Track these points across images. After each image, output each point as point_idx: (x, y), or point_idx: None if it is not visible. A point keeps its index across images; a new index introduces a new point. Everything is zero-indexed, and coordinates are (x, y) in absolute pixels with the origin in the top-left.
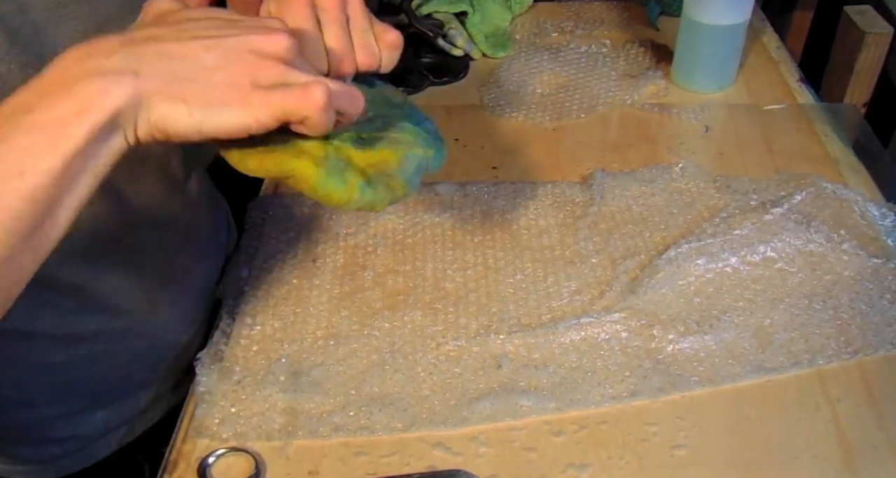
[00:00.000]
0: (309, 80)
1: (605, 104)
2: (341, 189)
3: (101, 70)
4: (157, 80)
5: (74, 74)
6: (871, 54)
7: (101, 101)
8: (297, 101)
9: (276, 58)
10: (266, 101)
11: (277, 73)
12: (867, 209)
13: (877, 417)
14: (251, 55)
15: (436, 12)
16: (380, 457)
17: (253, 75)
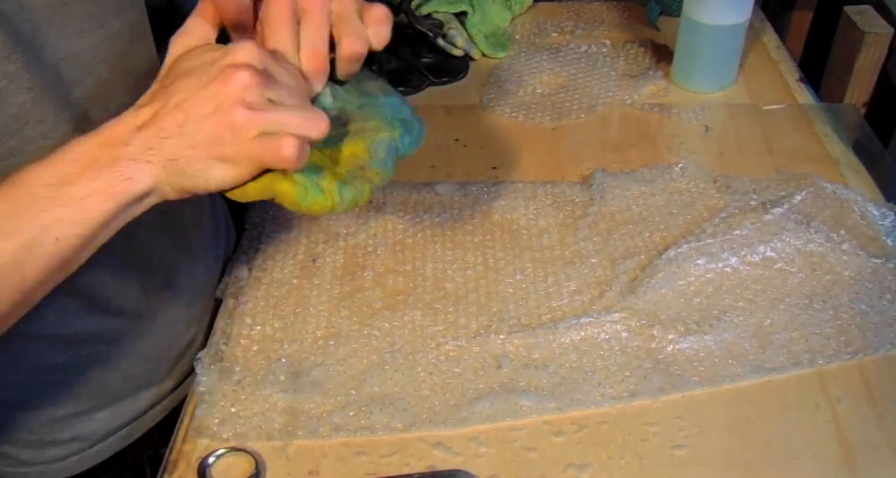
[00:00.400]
0: (277, 126)
1: (604, 104)
2: (321, 198)
3: (123, 157)
4: (164, 165)
5: (102, 158)
6: (870, 54)
7: (127, 186)
8: (272, 157)
9: (241, 103)
10: (246, 158)
11: (245, 124)
12: (867, 209)
13: (877, 417)
14: (220, 114)
15: (436, 12)
16: (380, 457)
17: (228, 133)
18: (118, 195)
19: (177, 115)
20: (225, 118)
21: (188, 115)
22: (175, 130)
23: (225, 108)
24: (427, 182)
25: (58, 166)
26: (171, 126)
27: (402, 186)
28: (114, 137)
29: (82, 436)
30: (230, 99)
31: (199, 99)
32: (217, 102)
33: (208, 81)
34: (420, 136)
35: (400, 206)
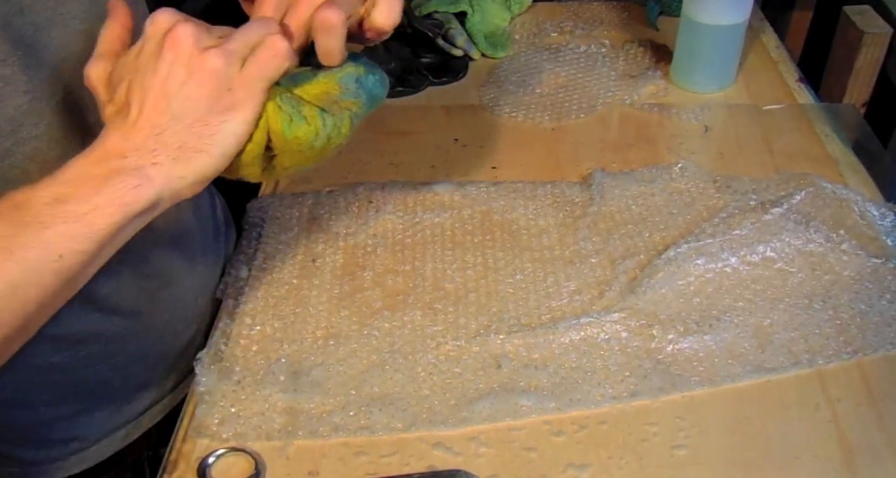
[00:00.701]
0: (248, 44)
1: (604, 104)
2: (305, 125)
3: (125, 169)
4: (174, 157)
5: (103, 172)
6: (870, 54)
7: (136, 194)
8: (271, 62)
9: (203, 50)
10: (248, 91)
11: (224, 62)
12: (867, 209)
13: (877, 417)
14: (195, 72)
15: (435, 12)
16: (380, 457)
17: (216, 82)
18: (126, 206)
19: (157, 105)
20: (202, 72)
21: (166, 96)
22: (165, 117)
23: (195, 65)
24: (426, 182)
25: (54, 186)
26: (157, 117)
27: (401, 186)
28: (107, 151)
29: (82, 436)
30: (191, 54)
31: (164, 78)
32: (182, 66)
33: (157, 58)
34: (383, 79)
35: (399, 206)
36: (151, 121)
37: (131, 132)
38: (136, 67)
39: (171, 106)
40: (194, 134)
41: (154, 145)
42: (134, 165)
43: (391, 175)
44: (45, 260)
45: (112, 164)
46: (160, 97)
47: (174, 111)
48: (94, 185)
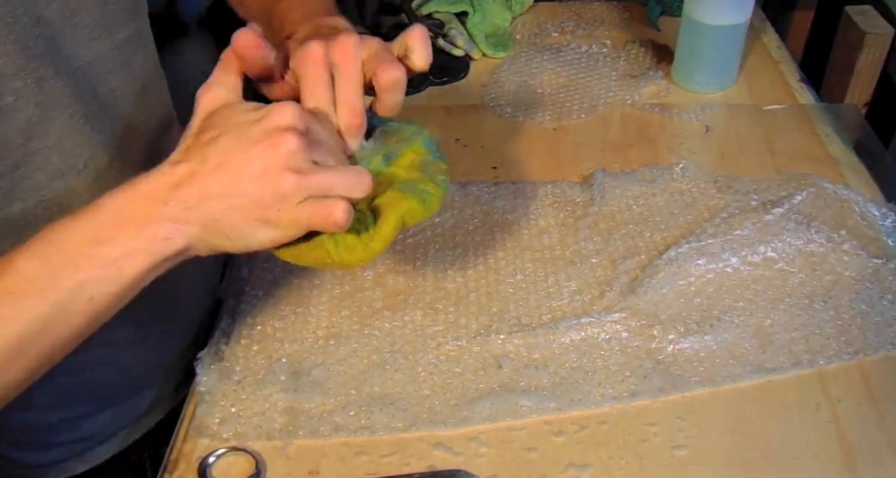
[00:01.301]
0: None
1: (605, 104)
2: (432, 198)
3: (161, 218)
4: (204, 225)
5: (138, 216)
6: (871, 54)
7: (165, 246)
8: (322, 222)
9: (289, 168)
10: (291, 221)
11: (293, 190)
12: (868, 210)
13: (877, 417)
14: (268, 178)
15: (436, 12)
16: (380, 457)
17: (275, 197)
18: (155, 255)
19: (220, 176)
20: (272, 182)
21: (232, 177)
22: (218, 191)
23: (273, 173)
24: None
25: (92, 223)
26: (213, 187)
27: None
28: (150, 193)
29: (84, 437)
30: (278, 164)
31: (243, 161)
32: (264, 166)
33: (253, 143)
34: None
35: None
36: (206, 186)
37: (183, 184)
38: (236, 131)
39: (229, 187)
40: (229, 218)
41: (193, 205)
42: (169, 216)
43: None
44: (76, 301)
45: (152, 209)
46: (230, 172)
47: (228, 192)
48: (132, 229)
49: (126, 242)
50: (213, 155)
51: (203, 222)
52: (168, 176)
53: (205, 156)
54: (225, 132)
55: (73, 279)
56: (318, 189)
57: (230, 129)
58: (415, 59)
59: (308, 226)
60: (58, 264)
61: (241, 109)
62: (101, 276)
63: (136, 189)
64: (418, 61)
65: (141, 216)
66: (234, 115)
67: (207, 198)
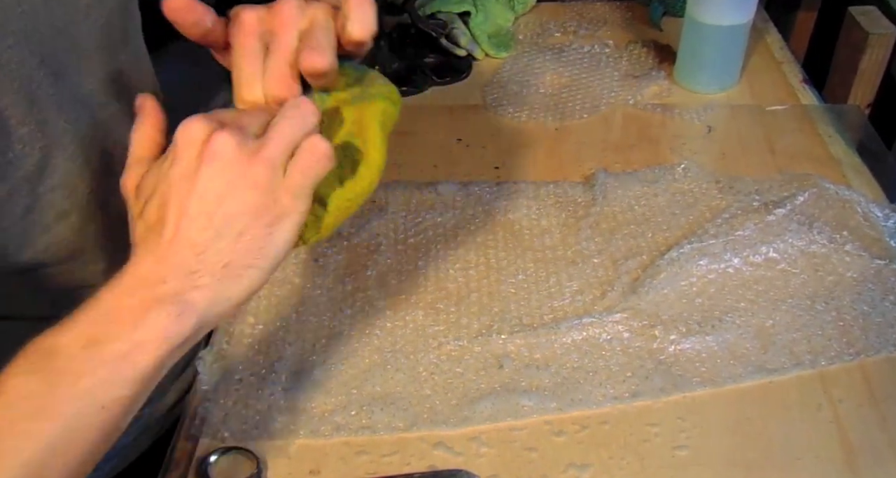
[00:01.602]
0: (288, 143)
1: (607, 104)
2: (390, 102)
3: (165, 295)
4: (218, 278)
5: (139, 304)
6: (874, 55)
7: (180, 324)
8: (314, 167)
9: (247, 159)
10: (295, 196)
11: (268, 170)
12: (870, 210)
13: (879, 418)
14: (237, 187)
15: (439, 12)
16: (381, 456)
17: (261, 192)
18: (169, 339)
19: (195, 220)
20: (246, 186)
21: (206, 211)
22: (206, 235)
23: (237, 178)
24: (429, 182)
25: (87, 322)
26: (198, 234)
27: (404, 185)
28: (142, 278)
29: None
30: (232, 166)
31: (201, 191)
32: (223, 180)
33: (193, 172)
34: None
35: (402, 206)
36: (191, 239)
37: (168, 253)
38: (169, 181)
39: (212, 222)
40: (241, 249)
41: (196, 266)
42: (174, 290)
43: (394, 175)
44: (85, 414)
45: (149, 292)
46: (200, 213)
47: (217, 227)
48: (131, 319)
49: (130, 334)
50: (172, 212)
51: (216, 274)
52: (145, 258)
53: (166, 220)
54: (162, 189)
55: (77, 389)
56: (284, 153)
57: (162, 182)
58: (350, 29)
59: (310, 184)
60: (56, 375)
61: (156, 165)
62: (109, 378)
63: (123, 280)
64: (354, 31)
65: (140, 304)
66: (153, 173)
67: (203, 249)
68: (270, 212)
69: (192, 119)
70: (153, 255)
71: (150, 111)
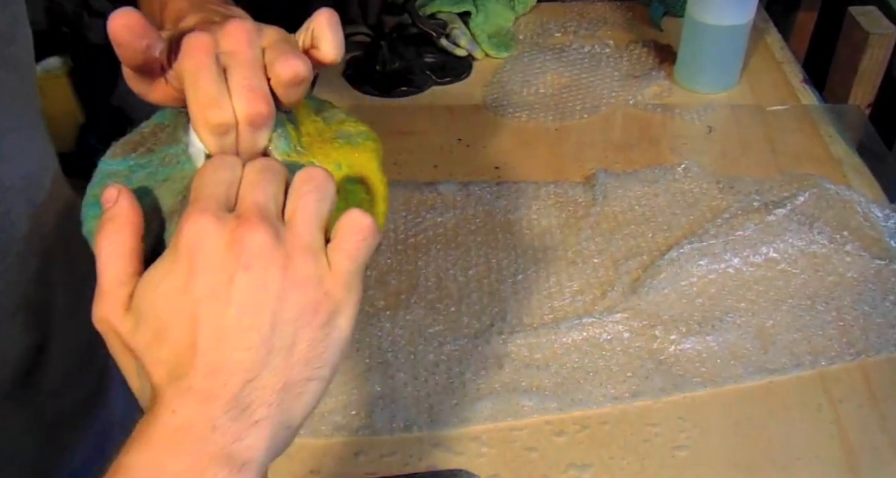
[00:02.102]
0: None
1: (608, 104)
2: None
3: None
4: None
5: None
6: (875, 55)
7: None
8: (363, 247)
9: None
10: (346, 287)
11: (314, 266)
12: (870, 211)
13: (879, 418)
14: (288, 290)
15: (439, 12)
16: (381, 456)
17: (315, 297)
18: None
19: (239, 339)
20: (293, 288)
21: (249, 325)
22: (256, 355)
23: (280, 281)
24: (430, 182)
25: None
26: (245, 356)
27: (404, 185)
28: (185, 430)
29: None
30: (270, 267)
31: (241, 305)
32: (265, 287)
33: (225, 282)
34: None
35: (402, 205)
36: (239, 364)
37: (215, 389)
38: (194, 298)
39: (261, 338)
40: (298, 363)
41: (249, 397)
42: (229, 438)
43: (395, 175)
44: None
45: (198, 448)
46: (243, 330)
47: (266, 343)
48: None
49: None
50: (205, 337)
51: (274, 400)
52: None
53: (197, 347)
54: (184, 309)
55: None
56: (317, 232)
57: (180, 302)
58: (324, 49)
59: (360, 268)
60: None
61: (152, 282)
62: None
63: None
64: (328, 53)
65: (193, 464)
66: (157, 294)
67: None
68: (324, 310)
69: (199, 218)
70: (193, 395)
71: (126, 213)
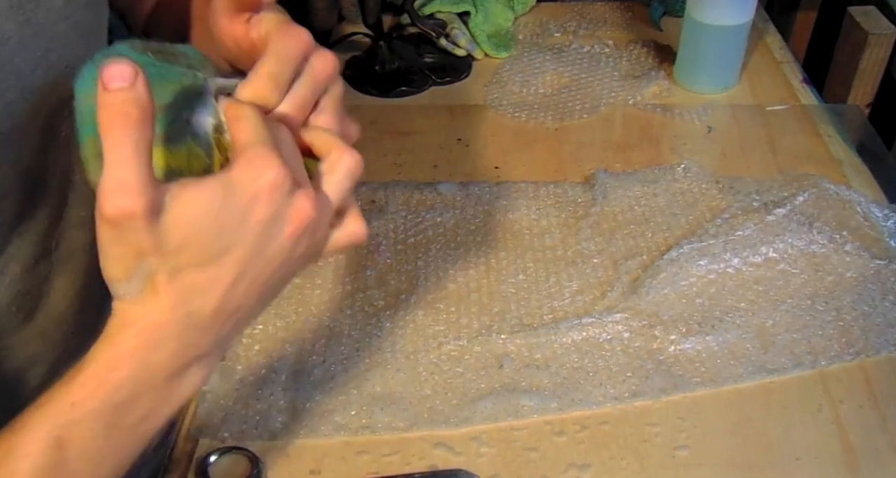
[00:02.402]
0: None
1: (607, 104)
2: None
3: (196, 358)
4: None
5: (171, 367)
6: (874, 55)
7: (201, 384)
8: (346, 247)
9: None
10: (322, 260)
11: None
12: (870, 210)
13: (879, 418)
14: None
15: (438, 12)
16: (381, 456)
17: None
18: (189, 396)
19: (260, 294)
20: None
21: (272, 283)
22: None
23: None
24: (429, 182)
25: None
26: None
27: (404, 185)
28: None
29: None
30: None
31: (282, 262)
32: (301, 251)
33: (289, 246)
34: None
35: (402, 205)
36: (248, 312)
37: (218, 325)
38: (245, 236)
39: (266, 290)
40: (264, 302)
41: (229, 331)
42: (206, 351)
43: (394, 175)
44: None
45: (184, 355)
46: (265, 286)
47: (263, 295)
48: (165, 382)
49: (162, 403)
50: (246, 287)
51: (239, 329)
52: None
53: (237, 288)
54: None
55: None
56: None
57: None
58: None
59: (329, 254)
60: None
61: (206, 204)
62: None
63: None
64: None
65: (180, 364)
66: (212, 215)
67: (248, 318)
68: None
69: (272, 162)
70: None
71: (146, 102)
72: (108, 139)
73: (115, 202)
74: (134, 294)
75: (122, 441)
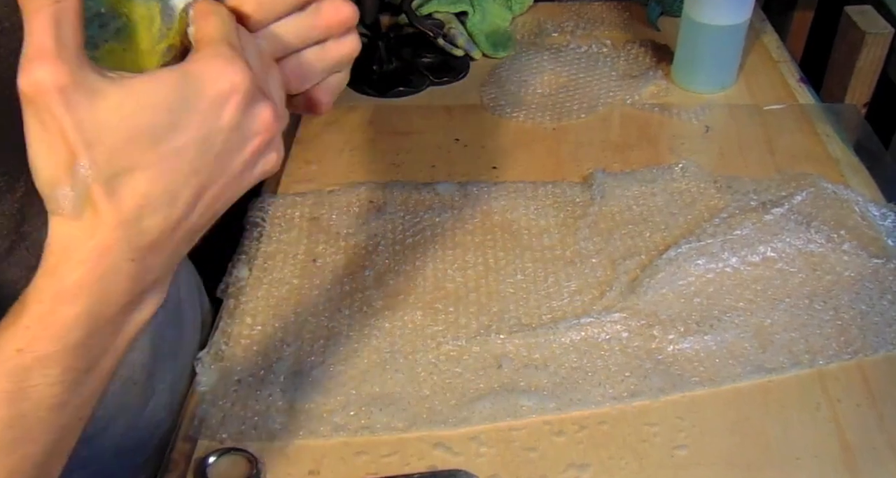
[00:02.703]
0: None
1: (605, 104)
2: None
3: (152, 283)
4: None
5: (127, 295)
6: (871, 54)
7: (155, 311)
8: (266, 171)
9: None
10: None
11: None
12: (868, 210)
13: (877, 417)
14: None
15: (436, 12)
16: (380, 457)
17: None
18: (147, 318)
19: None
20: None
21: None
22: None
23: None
24: (428, 182)
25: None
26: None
27: (402, 185)
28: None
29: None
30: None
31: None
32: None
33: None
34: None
35: (400, 206)
36: (203, 228)
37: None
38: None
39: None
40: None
41: (179, 255)
42: (159, 277)
43: (392, 175)
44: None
45: (140, 280)
46: (226, 200)
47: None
48: (120, 305)
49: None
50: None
51: (183, 249)
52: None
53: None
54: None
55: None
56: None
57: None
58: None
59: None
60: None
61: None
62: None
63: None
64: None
65: (134, 290)
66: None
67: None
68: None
69: (238, 63)
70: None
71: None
72: (27, 6)
73: (31, 74)
74: (69, 209)
75: (80, 383)
